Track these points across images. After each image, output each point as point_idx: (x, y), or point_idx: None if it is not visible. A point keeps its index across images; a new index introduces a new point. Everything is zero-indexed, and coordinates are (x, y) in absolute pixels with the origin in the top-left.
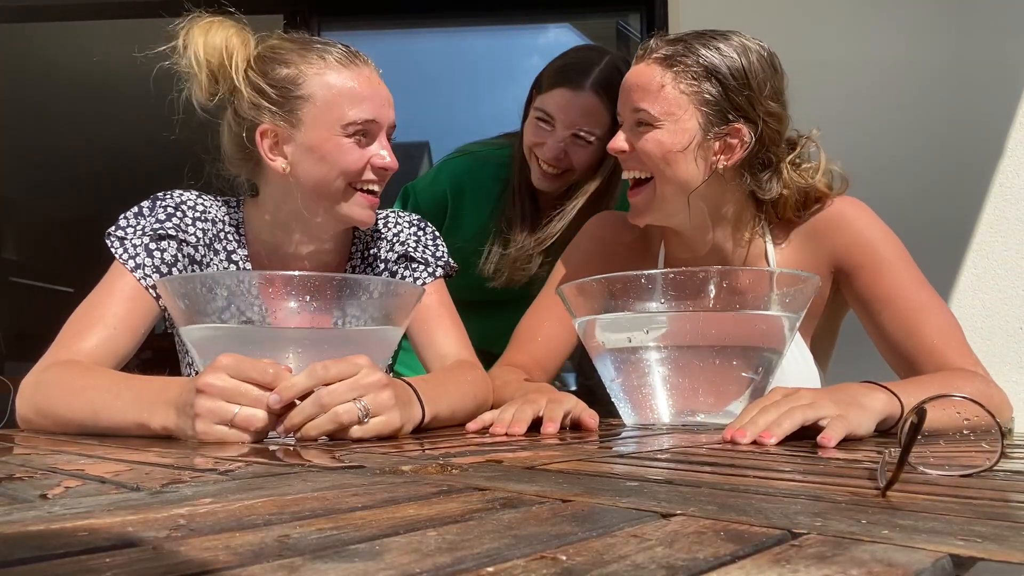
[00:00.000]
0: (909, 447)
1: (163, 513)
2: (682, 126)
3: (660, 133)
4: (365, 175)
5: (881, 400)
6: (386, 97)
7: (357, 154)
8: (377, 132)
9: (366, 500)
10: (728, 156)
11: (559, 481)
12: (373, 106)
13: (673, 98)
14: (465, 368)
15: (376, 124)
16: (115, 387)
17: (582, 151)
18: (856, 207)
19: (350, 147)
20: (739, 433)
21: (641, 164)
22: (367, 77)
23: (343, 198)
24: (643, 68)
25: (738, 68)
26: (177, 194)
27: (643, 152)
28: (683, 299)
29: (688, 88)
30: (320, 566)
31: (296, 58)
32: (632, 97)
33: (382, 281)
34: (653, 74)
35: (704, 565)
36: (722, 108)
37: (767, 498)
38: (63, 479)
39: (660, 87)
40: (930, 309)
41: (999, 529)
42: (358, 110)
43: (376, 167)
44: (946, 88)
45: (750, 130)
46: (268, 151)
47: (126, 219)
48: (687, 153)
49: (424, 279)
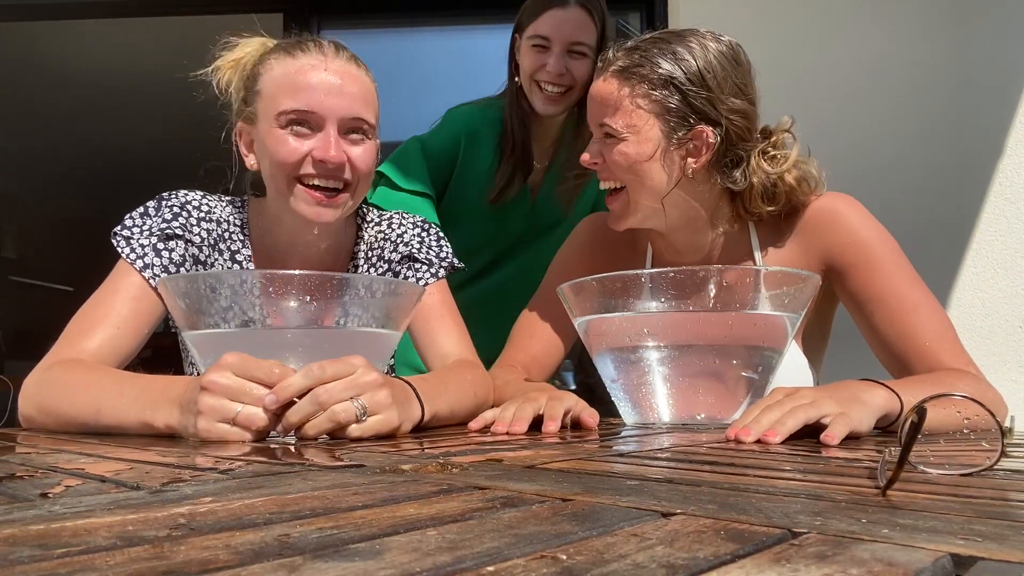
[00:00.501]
0: (909, 446)
1: (163, 512)
2: (644, 136)
3: (625, 145)
4: (304, 169)
5: (881, 396)
6: (338, 86)
7: (289, 146)
8: (322, 124)
9: (366, 499)
10: (696, 158)
11: (559, 480)
12: (313, 96)
13: (632, 110)
14: (465, 367)
15: (316, 115)
16: (118, 385)
17: (580, 64)
18: (849, 204)
19: (283, 138)
20: (743, 432)
21: (612, 175)
22: (313, 66)
23: (288, 192)
24: (602, 84)
25: (695, 71)
26: (182, 194)
27: (612, 164)
28: (683, 298)
29: (646, 99)
30: (320, 565)
31: (263, 56)
32: (595, 112)
33: (383, 281)
34: (611, 89)
35: (704, 564)
36: (683, 113)
37: (767, 497)
38: (63, 478)
39: (619, 101)
40: (923, 309)
41: (999, 528)
42: (291, 99)
43: (315, 160)
44: (946, 87)
45: (715, 131)
46: (244, 149)
47: (132, 219)
48: (653, 162)
49: (427, 279)
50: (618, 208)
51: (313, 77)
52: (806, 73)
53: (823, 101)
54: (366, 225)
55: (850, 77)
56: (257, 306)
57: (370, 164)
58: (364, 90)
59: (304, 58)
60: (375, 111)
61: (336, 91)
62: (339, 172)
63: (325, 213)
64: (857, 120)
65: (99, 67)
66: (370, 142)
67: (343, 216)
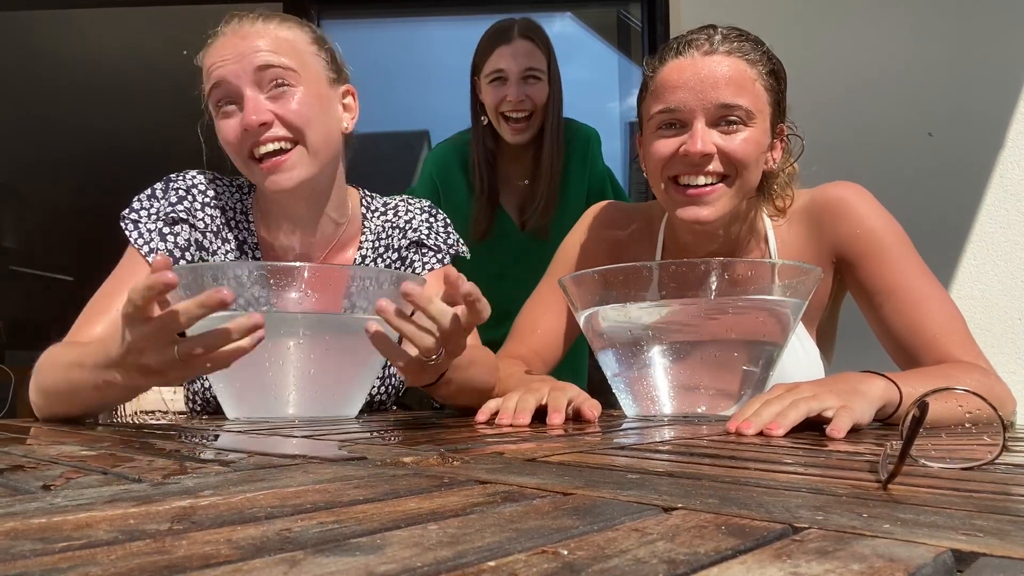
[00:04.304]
0: (911, 441)
1: (165, 506)
2: (764, 126)
3: (754, 132)
4: (246, 141)
5: (880, 387)
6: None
7: (227, 125)
8: (239, 91)
9: (367, 493)
10: (774, 156)
11: (560, 474)
12: (225, 67)
13: (761, 95)
14: (474, 350)
15: (230, 85)
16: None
17: (537, 89)
18: (858, 193)
19: (221, 119)
20: (744, 425)
21: (729, 165)
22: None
23: (250, 172)
24: (727, 60)
25: (782, 69)
26: (189, 176)
27: (736, 152)
28: (685, 291)
29: (766, 85)
30: (321, 560)
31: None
32: (721, 92)
33: (387, 272)
34: (742, 67)
35: (705, 560)
36: (781, 108)
37: (768, 491)
38: (65, 470)
39: (752, 81)
40: (933, 300)
41: (1000, 523)
42: (209, 77)
43: (243, 129)
44: (946, 79)
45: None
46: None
47: (139, 201)
48: (763, 154)
49: (434, 265)
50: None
51: (224, 49)
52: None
53: (824, 93)
54: (371, 215)
55: (851, 70)
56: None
57: (304, 112)
58: (274, 41)
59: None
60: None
61: (242, 52)
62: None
63: (281, 179)
64: (858, 113)
65: (99, 56)
66: (297, 88)
67: (312, 175)
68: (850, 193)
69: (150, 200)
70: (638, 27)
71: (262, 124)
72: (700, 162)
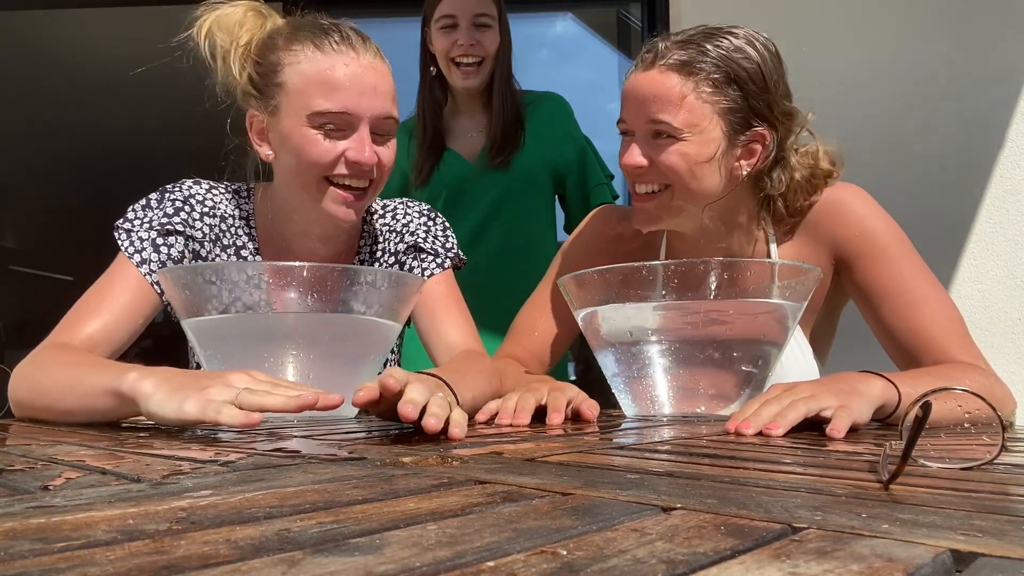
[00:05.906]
0: (913, 441)
1: (164, 505)
2: (707, 136)
3: (685, 145)
4: (337, 169)
5: (878, 387)
6: (372, 86)
7: (323, 147)
8: (355, 124)
9: (366, 493)
10: (750, 162)
11: (560, 474)
12: (347, 96)
13: (696, 108)
14: (475, 357)
15: (351, 116)
16: (99, 364)
17: (487, 35)
18: (856, 194)
19: (315, 139)
20: (744, 425)
21: (662, 177)
22: (346, 64)
23: (317, 192)
24: (658, 76)
25: (755, 70)
26: (186, 187)
27: (666, 166)
28: (684, 291)
29: (710, 96)
30: (320, 560)
31: (283, 42)
32: (650, 108)
33: (385, 273)
34: (670, 83)
35: (704, 560)
36: (745, 114)
37: (767, 491)
38: (64, 470)
39: (682, 97)
40: (932, 301)
41: (999, 523)
42: (326, 100)
43: (349, 161)
44: (947, 79)
45: (771, 133)
46: (256, 137)
47: (134, 211)
48: (712, 163)
49: (432, 270)
50: (655, 209)
51: (347, 76)
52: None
53: (824, 93)
54: (369, 216)
55: (852, 69)
56: (260, 298)
57: (393, 162)
58: (391, 87)
59: (335, 55)
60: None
61: (370, 91)
62: (371, 173)
63: (351, 214)
64: (858, 112)
65: (98, 55)
66: (393, 139)
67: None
68: (848, 194)
69: (144, 210)
70: (638, 27)
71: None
72: (634, 173)
